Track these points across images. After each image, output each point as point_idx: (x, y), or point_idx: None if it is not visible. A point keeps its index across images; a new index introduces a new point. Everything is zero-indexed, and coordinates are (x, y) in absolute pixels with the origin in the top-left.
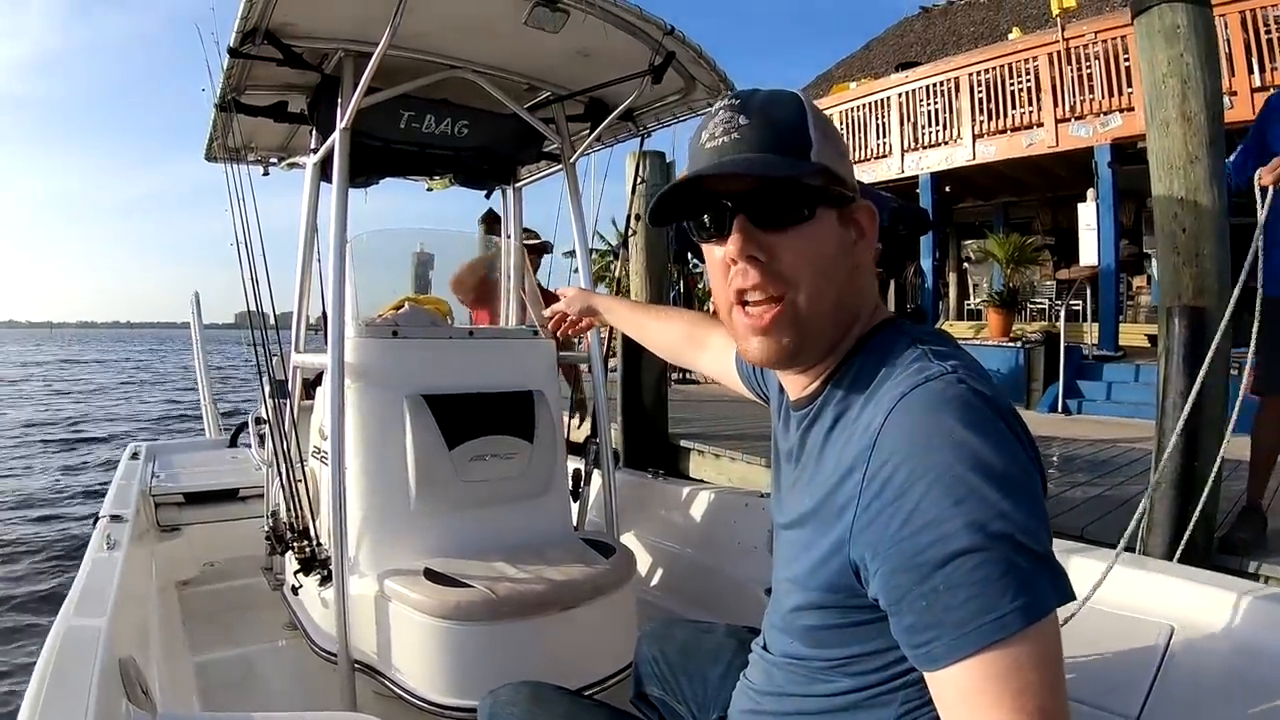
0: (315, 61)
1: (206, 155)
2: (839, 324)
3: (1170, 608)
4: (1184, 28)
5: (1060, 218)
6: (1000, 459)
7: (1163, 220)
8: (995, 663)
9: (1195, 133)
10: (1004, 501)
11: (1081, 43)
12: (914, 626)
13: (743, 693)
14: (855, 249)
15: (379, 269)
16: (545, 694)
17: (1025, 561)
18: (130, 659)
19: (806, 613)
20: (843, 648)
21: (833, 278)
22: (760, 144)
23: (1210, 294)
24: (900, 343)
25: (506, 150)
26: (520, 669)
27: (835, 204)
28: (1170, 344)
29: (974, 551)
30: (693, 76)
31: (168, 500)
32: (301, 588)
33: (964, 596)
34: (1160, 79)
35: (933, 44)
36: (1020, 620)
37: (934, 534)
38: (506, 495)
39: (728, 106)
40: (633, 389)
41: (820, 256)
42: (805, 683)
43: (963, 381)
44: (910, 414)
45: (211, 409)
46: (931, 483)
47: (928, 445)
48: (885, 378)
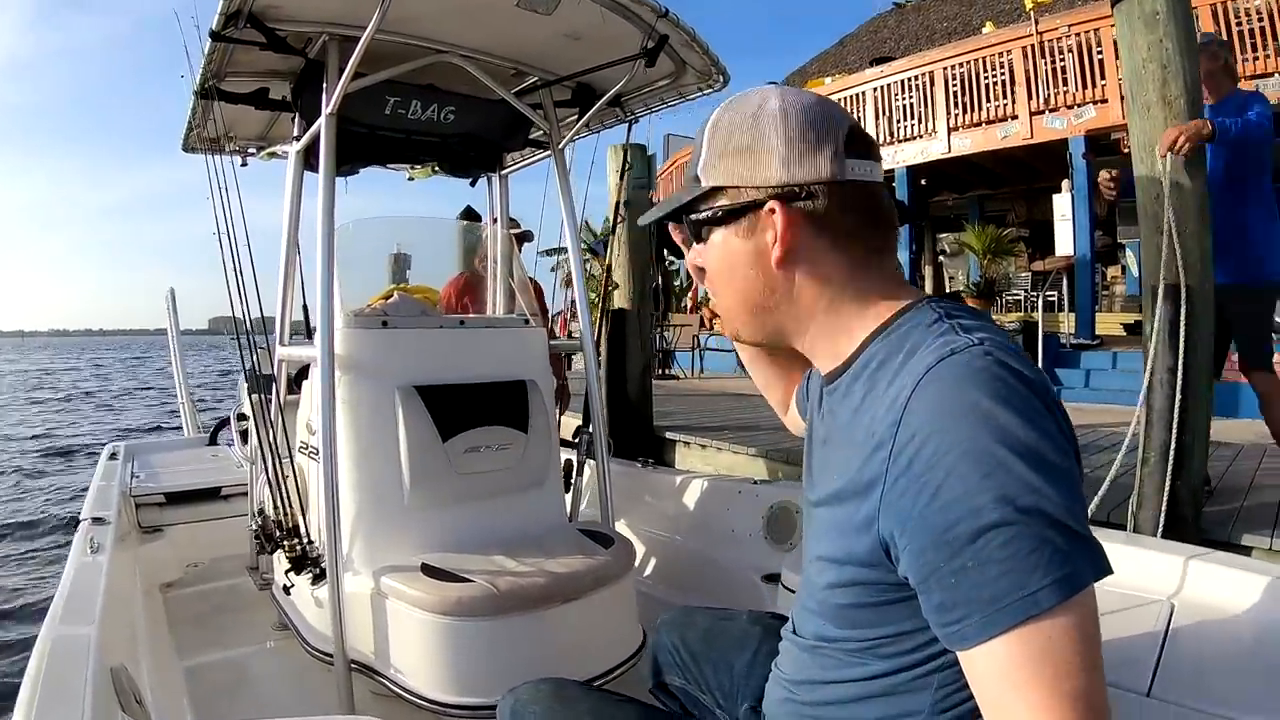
0: (299, 46)
1: (184, 145)
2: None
3: (1168, 585)
4: (1163, 14)
5: (1035, 209)
6: (1028, 432)
7: (1145, 201)
8: (1028, 642)
9: (1175, 116)
10: (1033, 475)
11: (1055, 36)
12: (944, 604)
13: (776, 683)
14: (773, 252)
15: (366, 258)
16: (568, 691)
17: (1057, 536)
18: (122, 667)
19: (839, 590)
20: (876, 628)
21: (740, 285)
22: (685, 178)
23: (1193, 272)
24: (927, 316)
25: (493, 136)
26: (524, 663)
27: (723, 221)
28: (1155, 322)
29: (1004, 526)
30: (684, 61)
31: (149, 501)
32: (293, 587)
33: (994, 573)
34: (1140, 64)
35: (906, 39)
36: (1053, 596)
37: (962, 509)
38: (502, 487)
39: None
40: (617, 381)
41: (722, 269)
42: (837, 667)
43: (989, 354)
44: (936, 387)
45: (189, 407)
46: (959, 457)
47: (954, 419)
48: (912, 352)
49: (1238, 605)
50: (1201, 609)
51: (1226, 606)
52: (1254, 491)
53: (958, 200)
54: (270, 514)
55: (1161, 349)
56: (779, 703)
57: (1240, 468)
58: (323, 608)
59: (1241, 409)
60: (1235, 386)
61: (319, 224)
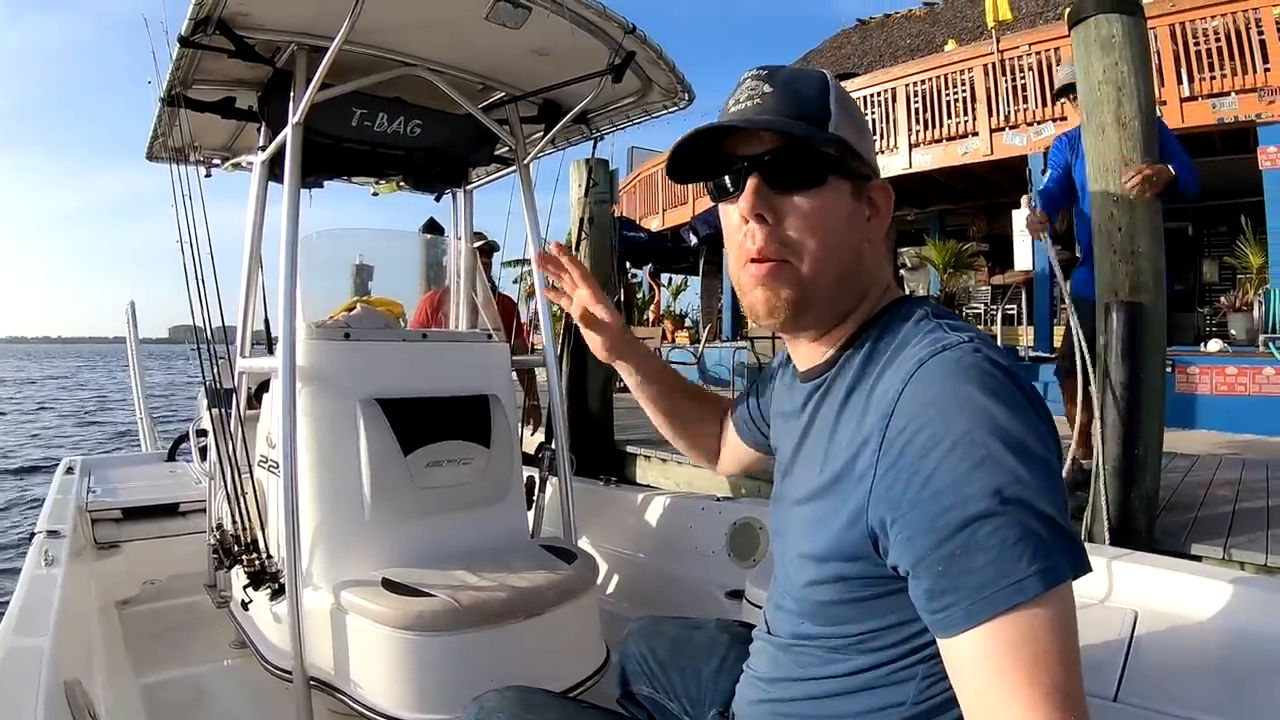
0: (268, 54)
1: (148, 154)
2: (845, 294)
3: (1131, 593)
4: (1119, 37)
5: (995, 225)
6: (1018, 427)
7: (1100, 219)
8: (1011, 629)
9: (1130, 136)
10: (1021, 468)
11: (1016, 54)
12: (931, 591)
13: (748, 684)
14: (867, 225)
15: (329, 270)
16: (534, 699)
17: (1042, 528)
18: (76, 681)
19: (821, 587)
20: (859, 623)
21: (837, 247)
22: (781, 110)
23: (1146, 290)
24: (915, 315)
25: (459, 151)
26: (487, 679)
27: (849, 176)
28: (1109, 338)
29: (991, 516)
30: (650, 78)
31: (105, 516)
32: (251, 603)
33: (981, 561)
34: (1096, 85)
35: (870, 56)
36: (1038, 585)
37: (952, 498)
38: (464, 502)
39: (754, 76)
40: (578, 394)
41: (826, 224)
42: (817, 664)
43: (979, 351)
44: (929, 381)
45: (148, 422)
46: (950, 447)
47: (946, 410)
48: (901, 348)
49: (1199, 612)
50: (1164, 616)
51: (1188, 613)
52: (1207, 502)
53: (919, 215)
54: (229, 528)
55: (1114, 364)
56: (752, 703)
57: (1195, 478)
58: (281, 624)
59: (1198, 420)
60: (1192, 398)
61: (283, 234)
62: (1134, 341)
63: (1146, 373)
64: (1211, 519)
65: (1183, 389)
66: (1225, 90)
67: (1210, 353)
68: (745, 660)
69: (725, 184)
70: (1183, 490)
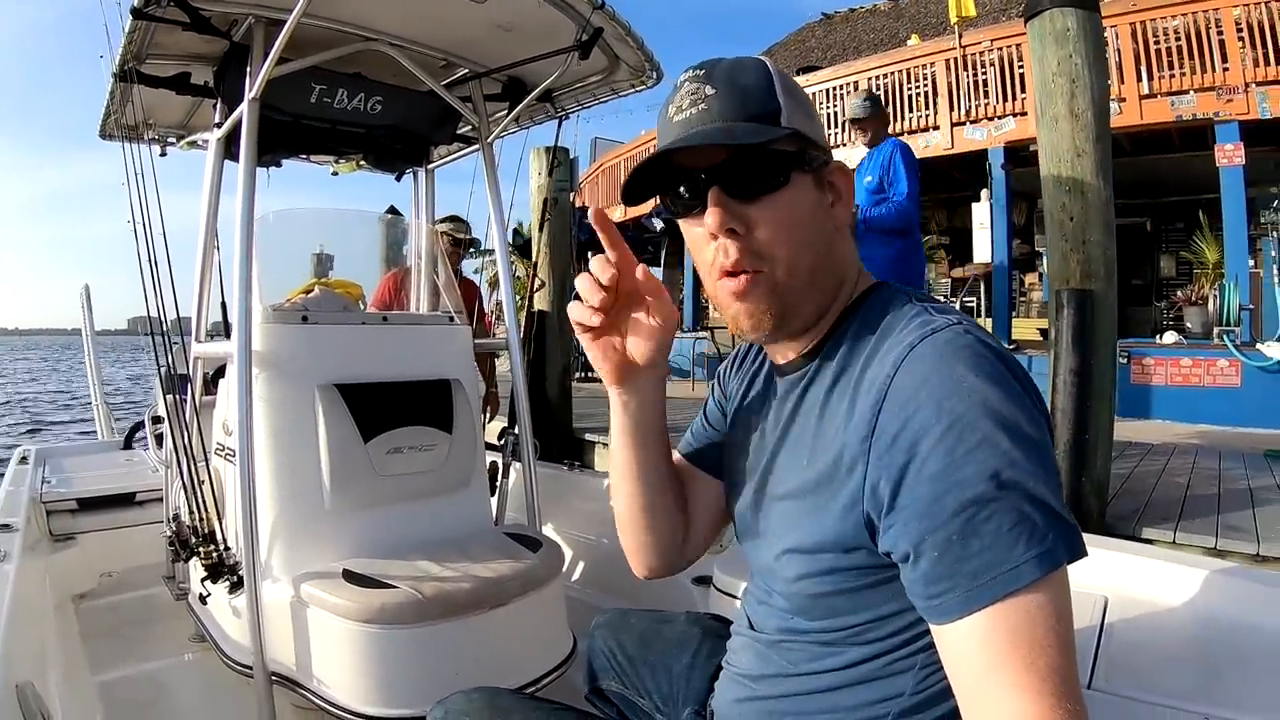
0: (224, 27)
1: (101, 132)
2: (822, 289)
3: (1102, 579)
4: (1073, 31)
5: (955, 218)
6: (1013, 409)
7: (1052, 209)
8: (1008, 615)
9: (1082, 128)
10: (1016, 451)
11: (978, 50)
12: (927, 577)
13: (731, 681)
14: (833, 211)
15: (287, 252)
16: (501, 700)
17: (1037, 513)
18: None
19: (813, 580)
20: (853, 614)
21: (811, 244)
22: (728, 113)
23: (1097, 278)
24: (897, 300)
25: (421, 129)
26: (452, 672)
27: (809, 167)
28: (1060, 325)
29: (988, 500)
30: (617, 56)
31: (60, 507)
32: (210, 596)
33: (978, 547)
34: (1050, 78)
35: (834, 49)
36: (1034, 571)
37: (947, 482)
38: (426, 489)
39: (692, 77)
40: (537, 383)
41: (797, 224)
42: (810, 659)
43: (969, 333)
44: (920, 364)
45: (103, 409)
46: (944, 431)
47: (939, 394)
48: (887, 333)
49: (1170, 598)
50: (1135, 602)
51: (1159, 599)
52: (1158, 489)
53: None
54: (185, 519)
55: (1065, 351)
56: (737, 701)
57: (1148, 466)
58: (241, 617)
59: (1153, 410)
60: (1147, 389)
61: (238, 214)
62: (1084, 329)
63: (1097, 360)
64: (1162, 505)
65: (1138, 380)
66: (1184, 89)
67: (1165, 345)
68: (718, 656)
69: (683, 198)
70: (1135, 477)
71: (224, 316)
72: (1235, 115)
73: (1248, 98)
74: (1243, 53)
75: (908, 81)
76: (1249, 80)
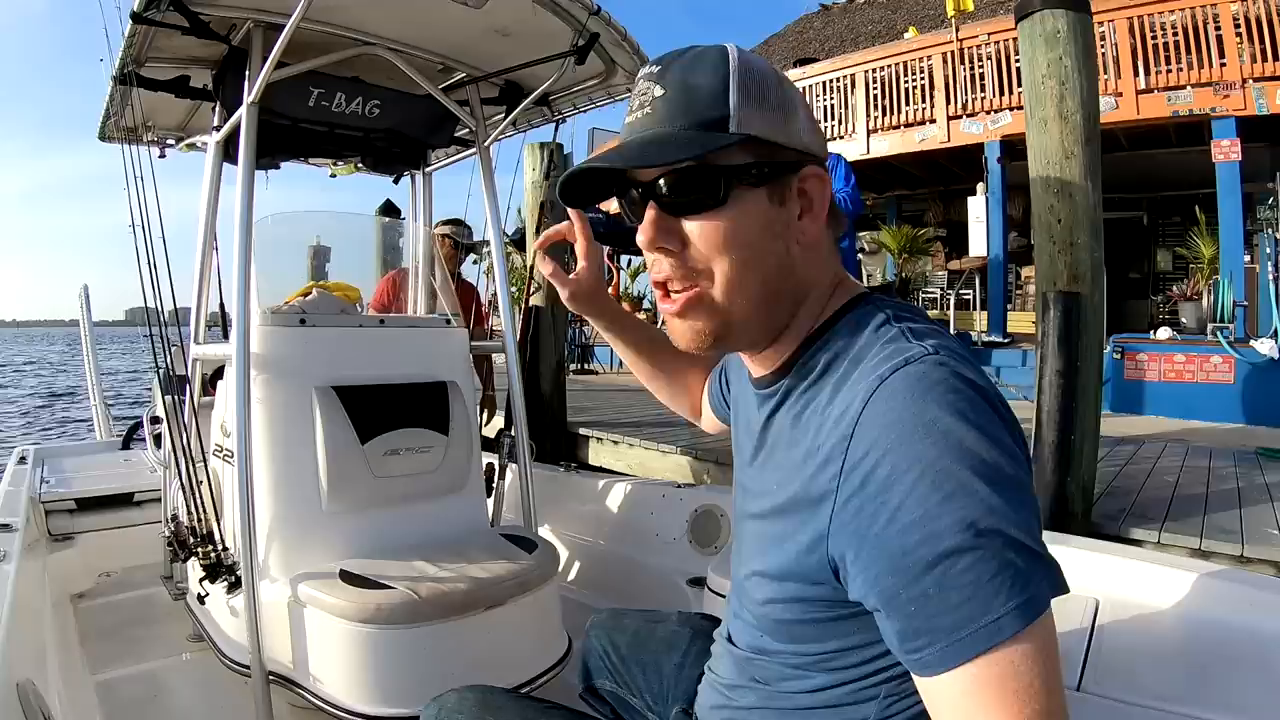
0: (223, 32)
1: (100, 134)
2: (772, 311)
3: (1092, 582)
4: (1063, 32)
5: (952, 210)
6: (988, 450)
7: (1040, 211)
8: (991, 668)
9: (1071, 130)
10: (994, 496)
11: (975, 43)
12: (904, 632)
13: (710, 688)
14: (798, 225)
15: (284, 254)
16: (494, 699)
17: (1018, 558)
18: (29, 683)
19: (779, 606)
20: (819, 643)
21: (755, 264)
22: (670, 118)
23: (1084, 280)
24: (874, 319)
25: (418, 132)
26: (447, 672)
27: (761, 181)
28: (1046, 327)
29: (965, 552)
30: (614, 60)
31: (59, 507)
32: (208, 596)
33: (956, 600)
34: (1040, 79)
35: (831, 41)
36: (1016, 623)
37: (921, 533)
38: (422, 491)
39: (646, 75)
40: (531, 378)
41: (736, 243)
42: (778, 679)
43: (944, 364)
44: (891, 401)
45: (102, 409)
46: (917, 478)
47: (911, 436)
48: (859, 357)
49: (1161, 601)
50: (1126, 605)
51: (1150, 602)
52: (1146, 488)
53: (876, 200)
54: (184, 520)
55: (1051, 353)
56: (714, 708)
57: (1137, 464)
58: (239, 617)
59: (1146, 406)
60: (1140, 385)
61: (237, 217)
62: (1070, 331)
63: (1084, 362)
64: (1150, 504)
65: (1132, 376)
66: (1181, 84)
67: (1159, 340)
68: (707, 655)
69: (630, 206)
70: (1124, 475)
71: (222, 318)
72: (1232, 111)
73: (1244, 93)
74: (1240, 48)
75: (905, 74)
76: (1246, 76)
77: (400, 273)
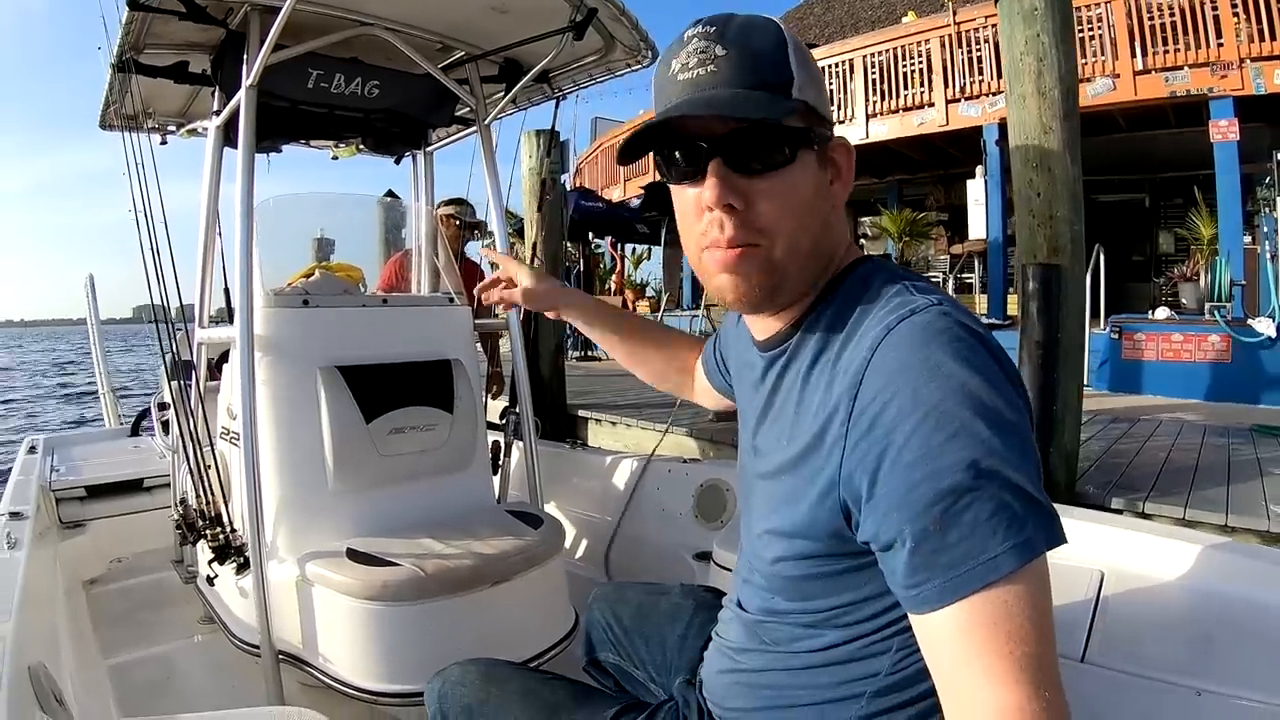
0: (220, 16)
1: (101, 123)
2: (814, 267)
3: (1097, 553)
4: (1041, 10)
5: (953, 194)
6: (991, 394)
7: (1020, 185)
8: (986, 606)
9: (1049, 106)
10: (995, 438)
11: (972, 26)
12: (905, 567)
13: (719, 652)
14: (832, 190)
15: (287, 237)
16: (498, 671)
17: (1016, 501)
18: (40, 665)
19: (790, 563)
20: (831, 597)
21: (810, 223)
22: (739, 79)
23: (1064, 253)
24: (879, 277)
25: (418, 112)
26: (454, 648)
27: (815, 145)
28: (1026, 299)
29: (965, 491)
30: (613, 36)
31: (69, 495)
32: (217, 578)
33: (955, 537)
34: (1018, 56)
35: (831, 26)
36: (1012, 561)
37: (923, 470)
38: (428, 469)
39: (702, 34)
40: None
41: (799, 203)
42: (790, 639)
43: (947, 314)
44: (897, 348)
45: (110, 398)
46: (921, 419)
47: (916, 379)
48: (866, 312)
49: (1165, 573)
50: (1130, 576)
51: (1153, 574)
52: (1136, 461)
53: (877, 185)
54: (192, 503)
55: (1032, 326)
56: (722, 673)
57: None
58: (248, 598)
59: (1144, 385)
60: (1138, 364)
61: (238, 200)
62: (1050, 302)
63: (1065, 333)
64: (1137, 477)
65: (1130, 355)
66: (1179, 64)
67: (1157, 320)
68: (709, 626)
69: (679, 163)
70: (1115, 451)
71: (227, 302)
72: (1230, 91)
73: (1242, 73)
74: (1237, 28)
75: (903, 58)
76: (1243, 56)
77: (405, 255)
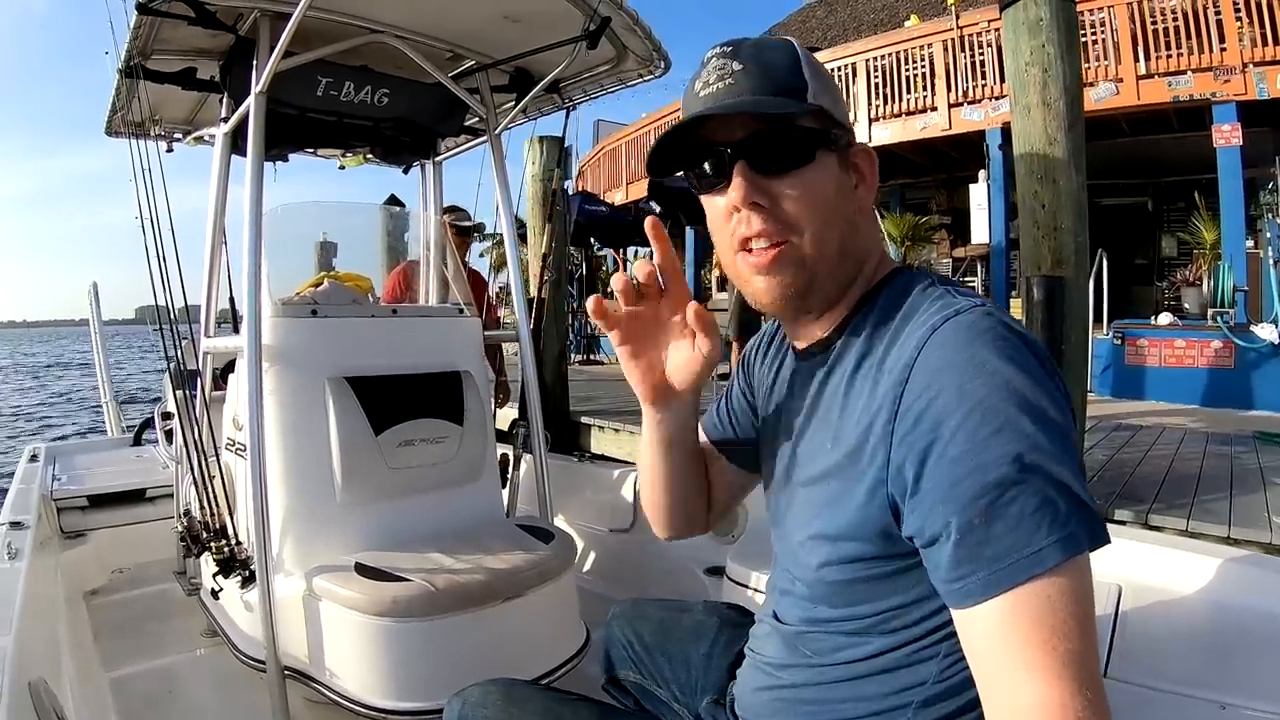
0: (229, 21)
1: (107, 129)
2: (845, 269)
3: (1115, 568)
4: (1046, 20)
5: (956, 198)
6: (1036, 392)
7: (1024, 196)
8: (1030, 599)
9: (1054, 117)
10: (1040, 434)
11: (975, 31)
12: (950, 560)
13: (755, 669)
14: (856, 193)
15: (295, 245)
16: (518, 691)
17: (1060, 497)
18: (41, 681)
19: (836, 568)
20: (878, 601)
21: (835, 221)
22: (754, 88)
23: (1068, 264)
24: (919, 283)
25: (428, 121)
26: (465, 665)
27: (834, 147)
28: (1030, 311)
29: (1010, 485)
30: (625, 46)
31: (70, 504)
32: (222, 591)
33: (1000, 530)
34: (1023, 67)
35: (834, 30)
36: (1056, 555)
37: (970, 464)
38: (437, 481)
39: (719, 54)
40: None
41: (822, 201)
42: (834, 649)
43: (991, 314)
44: (942, 346)
45: (113, 406)
46: (967, 413)
47: (962, 375)
48: (909, 316)
49: (1183, 586)
50: (1149, 590)
51: (1174, 588)
52: (1139, 471)
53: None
54: (196, 515)
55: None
56: (760, 690)
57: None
58: (253, 612)
59: (1147, 391)
60: (1141, 370)
61: (246, 208)
62: (1053, 314)
63: (1069, 345)
64: (1141, 486)
65: (1132, 361)
66: (1182, 69)
67: (1159, 326)
68: (736, 645)
69: (707, 173)
70: (1118, 460)
71: (232, 309)
72: (1233, 95)
73: (1245, 78)
74: (1240, 33)
75: (906, 62)
76: (1246, 60)
77: (410, 265)
